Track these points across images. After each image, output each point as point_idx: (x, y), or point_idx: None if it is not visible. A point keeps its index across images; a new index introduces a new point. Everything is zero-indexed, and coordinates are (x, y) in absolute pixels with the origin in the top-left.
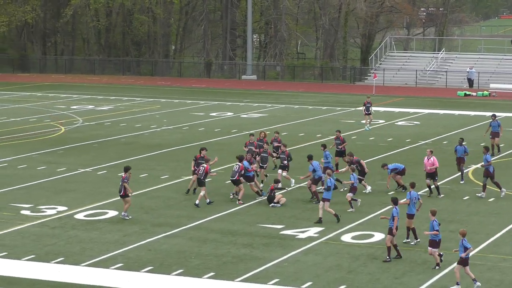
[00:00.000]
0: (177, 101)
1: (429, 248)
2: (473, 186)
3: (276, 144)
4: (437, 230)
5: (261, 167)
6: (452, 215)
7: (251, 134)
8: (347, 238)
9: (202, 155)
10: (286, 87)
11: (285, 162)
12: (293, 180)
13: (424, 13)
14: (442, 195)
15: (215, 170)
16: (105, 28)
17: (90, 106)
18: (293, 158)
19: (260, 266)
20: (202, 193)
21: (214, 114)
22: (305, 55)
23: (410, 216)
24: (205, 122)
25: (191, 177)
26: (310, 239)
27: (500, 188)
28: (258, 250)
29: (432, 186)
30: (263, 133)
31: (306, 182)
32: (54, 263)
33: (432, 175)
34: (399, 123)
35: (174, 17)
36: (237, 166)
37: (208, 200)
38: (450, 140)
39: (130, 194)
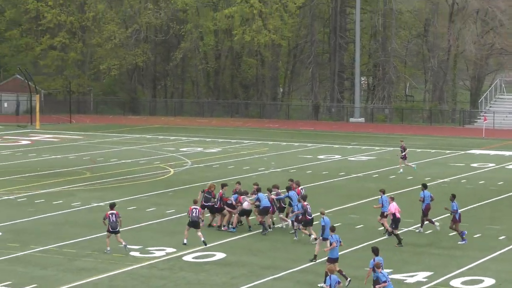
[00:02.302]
0: (285, 143)
1: None
2: None
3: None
4: (385, 282)
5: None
6: None
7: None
8: (456, 283)
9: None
10: (394, 129)
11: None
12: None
13: None
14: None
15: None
16: (214, 70)
17: (199, 148)
18: (399, 202)
19: None
20: (199, 233)
21: (321, 156)
22: (414, 97)
23: (334, 260)
24: (313, 164)
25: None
26: (418, 283)
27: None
28: None
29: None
30: (213, 185)
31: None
32: None
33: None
34: (510, 166)
35: (282, 59)
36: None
37: (185, 241)
38: None
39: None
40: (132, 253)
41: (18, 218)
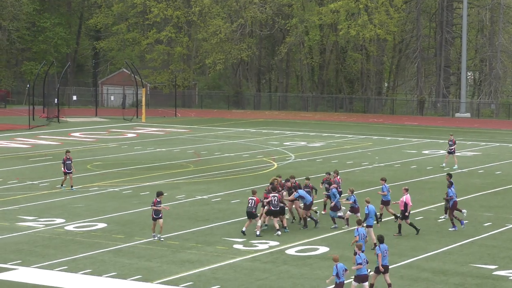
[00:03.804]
0: (389, 138)
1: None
2: None
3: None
4: (360, 264)
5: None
6: None
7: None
8: None
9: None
10: (501, 125)
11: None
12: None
13: None
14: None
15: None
16: (318, 65)
17: (303, 143)
18: (506, 197)
19: None
20: (259, 224)
21: (426, 152)
22: None
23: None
24: (417, 159)
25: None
26: None
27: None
28: None
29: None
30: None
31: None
32: None
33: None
34: None
35: (387, 54)
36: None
37: (258, 232)
38: None
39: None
40: (235, 246)
41: (123, 210)
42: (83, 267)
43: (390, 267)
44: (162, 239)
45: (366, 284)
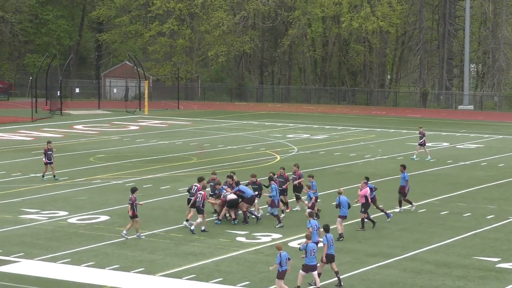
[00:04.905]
0: (392, 130)
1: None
2: None
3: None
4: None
5: None
6: None
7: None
8: None
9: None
10: (504, 117)
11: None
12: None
13: None
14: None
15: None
16: (321, 57)
17: (305, 135)
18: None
19: None
20: (199, 220)
21: (429, 144)
22: None
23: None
24: (421, 152)
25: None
26: None
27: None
28: (473, 283)
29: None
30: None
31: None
32: None
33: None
34: None
35: (390, 46)
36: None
37: (203, 228)
38: None
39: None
40: (238, 239)
41: (126, 202)
42: (86, 259)
43: (393, 259)
44: (142, 236)
45: (315, 273)
